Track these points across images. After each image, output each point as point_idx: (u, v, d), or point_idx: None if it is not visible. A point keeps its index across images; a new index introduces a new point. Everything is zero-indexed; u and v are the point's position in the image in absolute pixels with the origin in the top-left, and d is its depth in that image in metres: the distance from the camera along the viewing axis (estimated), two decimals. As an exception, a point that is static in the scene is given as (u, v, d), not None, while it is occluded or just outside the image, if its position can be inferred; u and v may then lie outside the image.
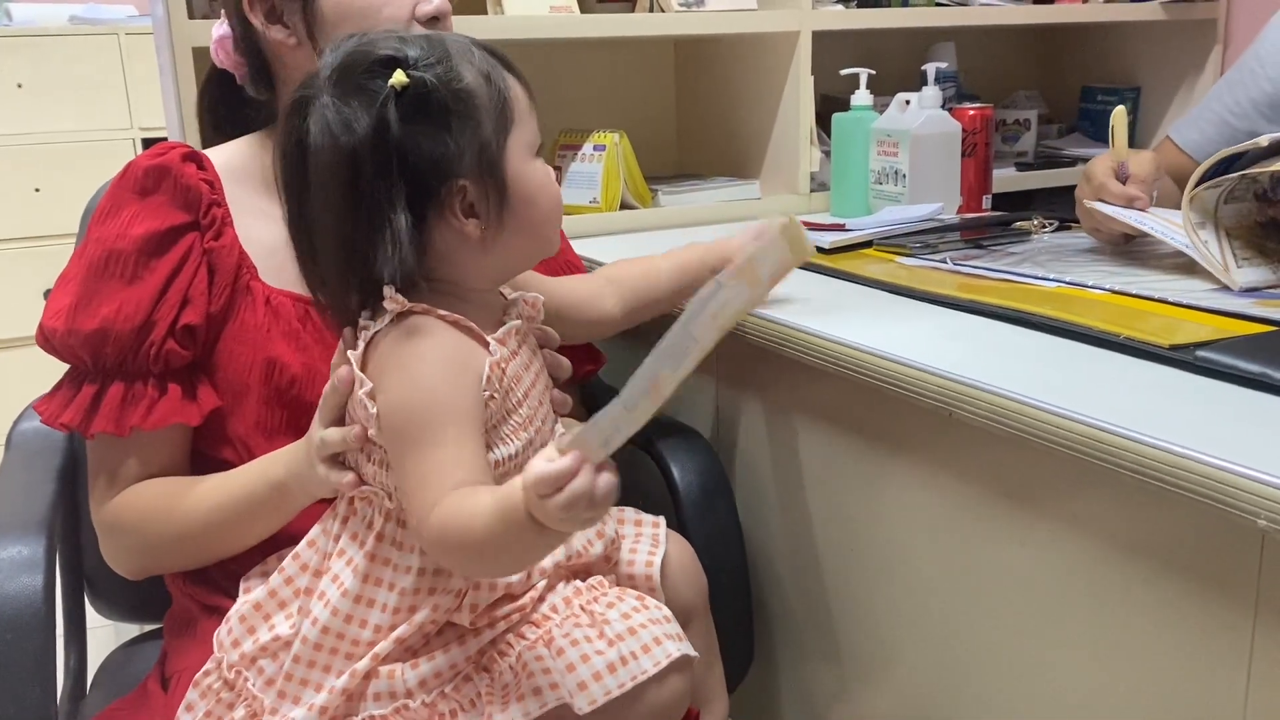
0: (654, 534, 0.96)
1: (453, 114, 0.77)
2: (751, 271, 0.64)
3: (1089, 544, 0.83)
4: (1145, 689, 0.80)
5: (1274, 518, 0.63)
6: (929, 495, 0.97)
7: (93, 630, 1.13)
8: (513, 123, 0.80)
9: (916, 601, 1.00)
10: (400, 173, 0.76)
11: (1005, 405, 0.80)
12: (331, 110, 0.76)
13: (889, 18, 1.84)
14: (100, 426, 0.89)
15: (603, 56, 1.87)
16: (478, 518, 0.71)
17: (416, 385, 0.77)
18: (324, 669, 0.81)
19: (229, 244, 0.94)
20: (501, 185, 0.79)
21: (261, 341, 0.93)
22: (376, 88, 0.75)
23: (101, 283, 0.90)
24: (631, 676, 0.79)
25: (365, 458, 0.82)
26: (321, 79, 0.78)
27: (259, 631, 0.84)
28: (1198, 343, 0.86)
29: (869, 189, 1.58)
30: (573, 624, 0.82)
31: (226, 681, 0.84)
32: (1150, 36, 2.18)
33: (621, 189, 1.63)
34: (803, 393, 1.11)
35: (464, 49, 0.80)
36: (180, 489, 0.92)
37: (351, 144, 0.75)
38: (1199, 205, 1.07)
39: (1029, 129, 2.13)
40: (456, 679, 0.81)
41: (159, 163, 0.93)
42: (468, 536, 0.72)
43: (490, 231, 0.80)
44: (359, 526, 0.83)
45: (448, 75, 0.77)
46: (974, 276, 1.15)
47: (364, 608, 0.81)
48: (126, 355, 0.89)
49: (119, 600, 1.14)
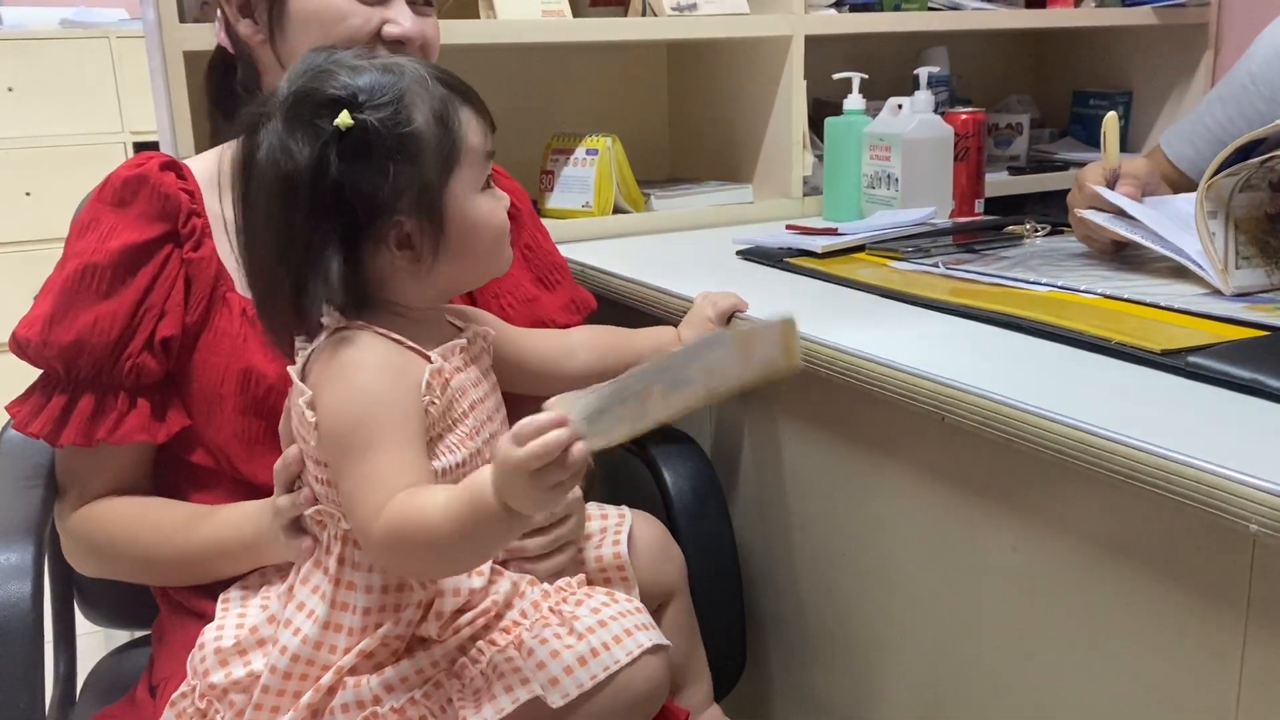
0: (618, 523, 0.96)
1: (394, 156, 0.78)
2: (747, 345, 0.65)
3: (1081, 548, 0.82)
4: (1137, 692, 0.80)
5: (1265, 522, 0.63)
6: (921, 499, 0.97)
7: (82, 636, 1.13)
8: (458, 163, 0.81)
9: (909, 605, 1.00)
10: (336, 208, 0.77)
11: (997, 410, 0.80)
12: (276, 137, 0.78)
13: (881, 22, 1.84)
14: (68, 438, 0.90)
15: (595, 60, 1.86)
16: (435, 511, 0.72)
17: (354, 391, 0.78)
18: (294, 695, 0.82)
19: (208, 255, 0.94)
20: (439, 223, 0.80)
21: (238, 351, 0.93)
22: (322, 124, 0.77)
23: (78, 296, 0.90)
24: (604, 668, 0.79)
25: (313, 479, 0.83)
26: (276, 100, 0.79)
27: (232, 666, 0.84)
28: (1189, 348, 0.86)
29: (861, 193, 1.58)
30: (542, 625, 0.82)
31: (199, 710, 0.84)
32: (1142, 41, 2.19)
33: (614, 193, 1.63)
34: (795, 397, 1.11)
35: (420, 85, 0.80)
36: (146, 517, 0.93)
37: (291, 174, 0.77)
38: (1215, 193, 1.06)
39: (1021, 133, 2.13)
40: (426, 685, 0.81)
41: (137, 173, 0.93)
42: (423, 533, 0.72)
43: (426, 263, 0.81)
44: (320, 553, 0.83)
45: (394, 118, 0.78)
46: (966, 281, 1.15)
47: (332, 633, 0.81)
48: (101, 368, 0.90)
49: (108, 607, 1.14)
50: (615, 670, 0.79)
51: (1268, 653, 0.71)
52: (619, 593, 0.88)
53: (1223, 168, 1.05)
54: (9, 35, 2.72)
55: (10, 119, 2.72)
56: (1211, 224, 1.06)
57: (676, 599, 0.98)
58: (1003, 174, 2.01)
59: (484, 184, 0.84)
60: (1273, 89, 1.31)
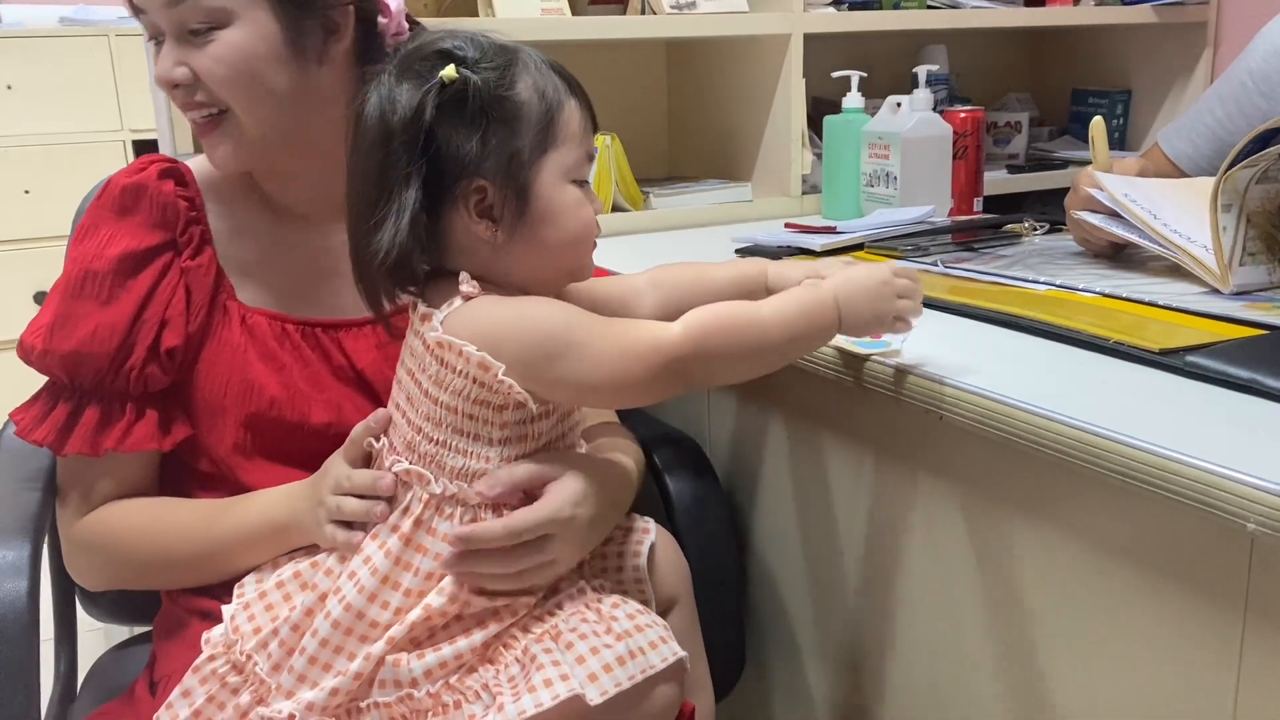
0: (640, 536, 0.96)
1: (490, 117, 0.79)
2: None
3: (1079, 546, 0.82)
4: (1135, 691, 0.80)
5: (1263, 521, 0.63)
6: (920, 498, 0.97)
7: (85, 634, 1.13)
8: (554, 142, 0.82)
9: (908, 604, 1.00)
10: (422, 156, 0.78)
11: (995, 409, 0.80)
12: (385, 86, 0.80)
13: (880, 20, 1.84)
14: (74, 448, 0.90)
15: (595, 59, 1.86)
16: (766, 310, 0.82)
17: (543, 305, 0.81)
18: (336, 650, 0.82)
19: (207, 263, 0.94)
20: (524, 197, 0.81)
21: (238, 363, 0.93)
22: (428, 75, 0.78)
23: (78, 303, 0.90)
24: (641, 670, 0.79)
25: (423, 436, 0.83)
26: (392, 59, 0.82)
27: (278, 609, 0.85)
28: (1188, 347, 0.86)
29: (860, 191, 1.58)
30: (579, 619, 0.82)
31: (235, 665, 0.84)
32: (1141, 39, 2.19)
33: (613, 191, 1.63)
34: (793, 397, 1.11)
35: (532, 63, 0.83)
36: (164, 515, 0.92)
37: (390, 120, 0.79)
38: (1231, 186, 1.05)
39: (1020, 131, 2.13)
40: (461, 670, 0.81)
41: (136, 180, 0.93)
42: (752, 328, 0.81)
43: (503, 238, 0.81)
44: (396, 515, 0.83)
45: (499, 80, 0.80)
46: (964, 279, 1.15)
47: (389, 590, 0.82)
48: (104, 378, 0.90)
49: (109, 603, 1.13)
50: (652, 674, 0.79)
51: (1266, 651, 0.71)
52: (647, 609, 0.87)
53: (1240, 158, 1.04)
54: (8, 33, 2.72)
55: (9, 117, 2.72)
56: (1224, 217, 1.05)
57: (678, 608, 0.97)
58: (1002, 172, 2.01)
59: (579, 179, 0.84)
60: (1271, 85, 1.32)
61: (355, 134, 0.82)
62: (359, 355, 0.96)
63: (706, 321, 0.80)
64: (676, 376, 0.81)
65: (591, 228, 0.86)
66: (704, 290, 0.95)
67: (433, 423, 0.82)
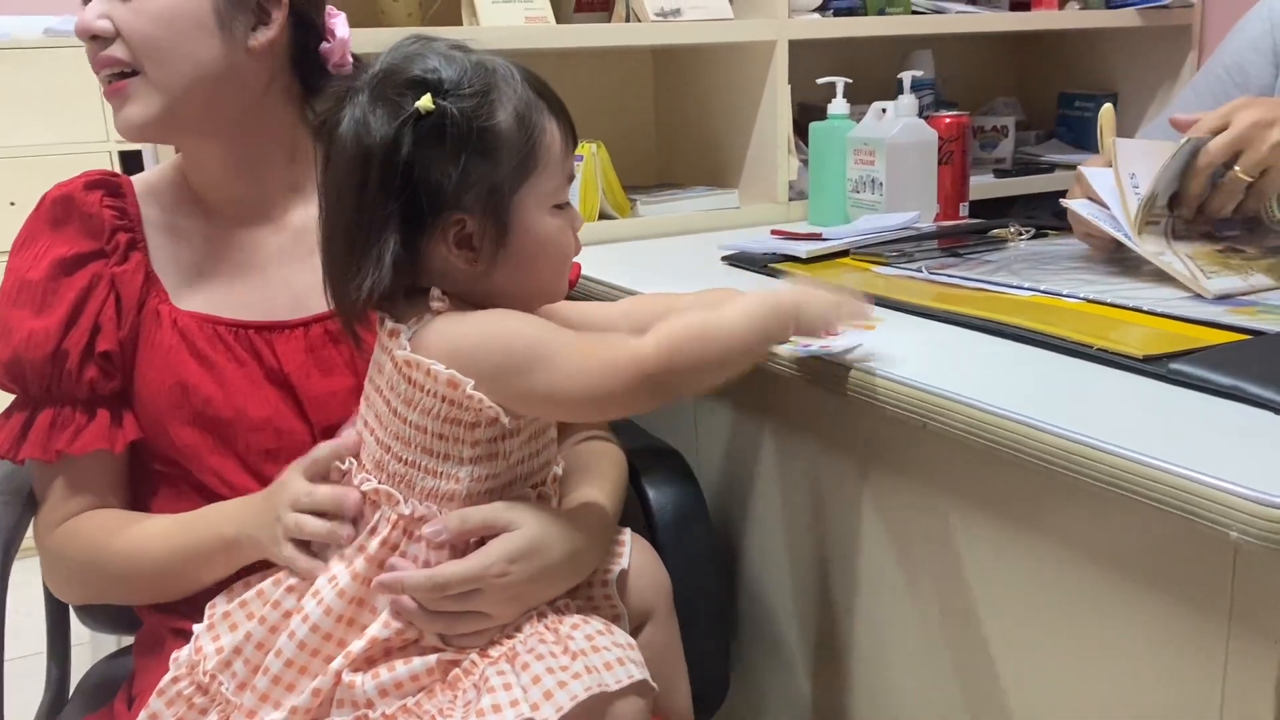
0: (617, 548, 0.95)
1: (469, 148, 0.77)
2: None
3: (1064, 555, 0.82)
4: (1121, 700, 0.80)
5: (1245, 529, 0.63)
6: (906, 507, 0.97)
7: (84, 643, 1.13)
8: (535, 169, 0.81)
9: (895, 614, 1.00)
10: (402, 190, 0.77)
11: (978, 417, 0.80)
12: (360, 110, 0.78)
13: (865, 26, 1.84)
14: (28, 453, 0.90)
15: (580, 66, 1.86)
16: (731, 318, 0.81)
17: (513, 319, 0.80)
18: (300, 670, 0.81)
19: (134, 269, 0.94)
20: (503, 229, 0.80)
21: (172, 365, 0.93)
22: (405, 104, 0.77)
23: (14, 311, 0.92)
24: (598, 684, 0.78)
25: (391, 455, 0.82)
26: (368, 76, 0.80)
27: (241, 627, 0.84)
28: (1171, 353, 0.86)
29: (847, 197, 1.58)
30: (537, 639, 0.81)
31: (200, 686, 0.83)
32: (1127, 43, 2.20)
33: (600, 199, 1.63)
34: (777, 406, 1.10)
35: (511, 84, 0.80)
36: (128, 529, 0.92)
37: (367, 148, 0.77)
38: (1150, 239, 1.08)
39: (1007, 135, 2.14)
40: (420, 693, 0.81)
41: (63, 193, 0.95)
42: (722, 337, 0.80)
43: (482, 267, 0.81)
44: (363, 535, 0.82)
45: (476, 110, 0.78)
46: (949, 285, 1.15)
47: (355, 609, 0.81)
48: (49, 383, 0.90)
49: (103, 613, 1.13)
50: (609, 691, 0.78)
51: (1251, 659, 0.70)
52: (615, 626, 0.86)
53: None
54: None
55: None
56: (1164, 257, 1.08)
57: (656, 621, 0.96)
58: (989, 176, 2.01)
59: (559, 204, 0.83)
60: (1245, 76, 1.33)
61: (328, 154, 0.80)
62: (287, 358, 0.95)
63: (677, 332, 0.80)
64: (652, 389, 0.80)
65: (570, 252, 0.85)
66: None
67: (402, 442, 0.81)
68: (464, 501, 0.82)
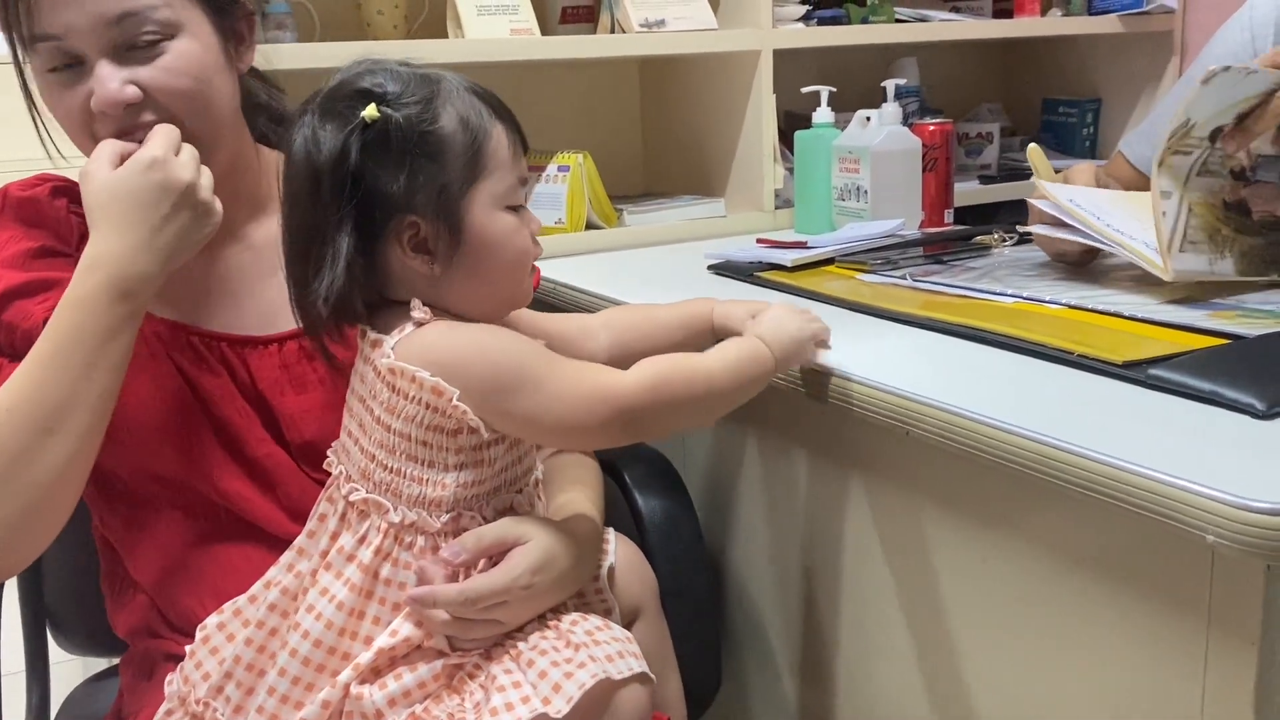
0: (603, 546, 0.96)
1: (415, 153, 0.79)
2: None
3: (1045, 559, 0.83)
4: (1102, 702, 0.80)
5: (1221, 533, 0.64)
6: (890, 512, 0.97)
7: (62, 664, 1.12)
8: (483, 171, 0.82)
9: (881, 618, 1.00)
10: (351, 199, 0.78)
11: (959, 423, 0.81)
12: (309, 129, 0.80)
13: (849, 35, 1.85)
14: None
15: (566, 77, 1.87)
16: (712, 361, 0.85)
17: (500, 335, 0.82)
18: (308, 687, 0.81)
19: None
20: (457, 229, 0.81)
21: (133, 368, 0.89)
22: (351, 116, 0.78)
23: None
24: (604, 672, 0.78)
25: (378, 464, 0.82)
26: (319, 93, 0.82)
27: (223, 650, 0.84)
28: (1151, 359, 0.87)
29: (832, 205, 1.59)
30: (539, 636, 0.83)
31: (194, 716, 0.83)
32: (1109, 49, 2.21)
33: (587, 209, 1.63)
34: (763, 412, 1.11)
35: (455, 91, 0.82)
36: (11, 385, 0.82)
37: (317, 161, 0.79)
38: (1170, 172, 1.06)
39: (992, 142, 2.15)
40: (427, 700, 0.81)
41: (30, 195, 0.94)
42: (702, 379, 0.83)
43: (440, 270, 0.82)
44: (350, 542, 0.83)
45: (421, 115, 0.80)
46: (933, 292, 1.16)
47: (356, 620, 0.82)
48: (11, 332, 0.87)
49: (81, 634, 1.13)
50: (615, 679, 0.79)
51: (1230, 661, 0.71)
52: (612, 622, 0.87)
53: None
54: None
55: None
56: (1165, 203, 1.06)
57: (645, 619, 0.97)
58: (974, 183, 2.03)
59: (512, 205, 0.84)
60: None
61: (285, 176, 0.82)
62: (261, 374, 0.95)
63: (660, 371, 0.81)
64: (627, 426, 0.81)
65: (528, 253, 0.86)
66: (653, 329, 0.99)
67: (386, 450, 0.82)
68: (452, 507, 0.83)
